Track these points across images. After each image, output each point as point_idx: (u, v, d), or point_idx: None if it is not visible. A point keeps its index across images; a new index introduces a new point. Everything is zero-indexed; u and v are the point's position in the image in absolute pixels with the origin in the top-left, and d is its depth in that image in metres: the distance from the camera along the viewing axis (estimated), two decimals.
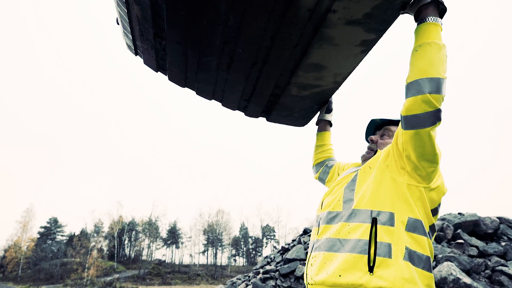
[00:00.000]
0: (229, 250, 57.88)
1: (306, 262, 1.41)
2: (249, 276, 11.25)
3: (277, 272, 9.36)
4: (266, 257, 12.76)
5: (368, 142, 1.62)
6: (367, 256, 1.20)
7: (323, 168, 1.89)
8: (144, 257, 55.16)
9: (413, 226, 1.25)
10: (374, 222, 1.25)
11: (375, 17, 1.29)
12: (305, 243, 10.54)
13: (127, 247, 54.89)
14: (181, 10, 1.26)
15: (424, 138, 1.20)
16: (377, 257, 1.19)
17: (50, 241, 54.26)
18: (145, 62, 1.73)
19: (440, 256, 8.56)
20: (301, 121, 2.11)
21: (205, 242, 56.79)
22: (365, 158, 1.57)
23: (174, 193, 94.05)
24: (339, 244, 1.28)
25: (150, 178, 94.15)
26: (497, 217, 10.06)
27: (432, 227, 1.32)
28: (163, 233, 57.69)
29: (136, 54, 1.75)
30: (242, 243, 60.94)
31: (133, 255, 54.16)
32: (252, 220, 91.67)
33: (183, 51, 1.49)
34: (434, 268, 7.77)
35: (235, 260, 60.50)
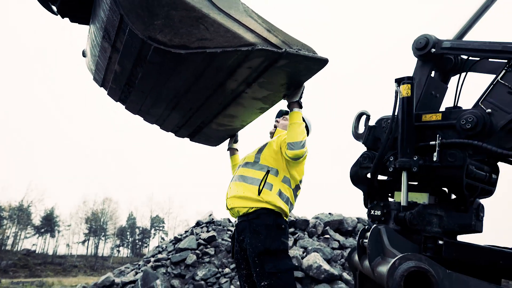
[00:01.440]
0: (113, 240, 54.93)
1: (228, 188, 2.47)
2: (139, 265, 11.40)
3: (169, 261, 9.78)
4: (158, 246, 13.05)
5: (275, 122, 2.77)
6: (258, 187, 2.25)
7: None
8: (8, 247, 48.38)
9: (285, 180, 2.35)
10: (267, 172, 2.32)
11: (269, 98, 2.24)
12: (197, 234, 11.20)
13: None
14: (151, 80, 1.90)
15: (294, 162, 2.32)
16: (263, 189, 2.25)
17: None
18: (109, 94, 2.26)
19: (310, 248, 10.15)
20: (215, 143, 2.93)
21: (87, 231, 52.79)
22: (271, 132, 2.73)
23: (55, 176, 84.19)
24: (246, 179, 2.35)
25: (27, 157, 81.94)
26: (356, 218, 12.40)
27: (297, 186, 2.44)
28: (36, 220, 51.59)
29: (101, 86, 2.26)
30: (128, 233, 58.43)
31: None
32: (141, 210, 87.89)
33: (145, 97, 2.11)
34: (303, 258, 9.25)
35: (118, 251, 57.59)
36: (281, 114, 2.76)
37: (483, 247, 1.70)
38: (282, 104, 2.45)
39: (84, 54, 2.29)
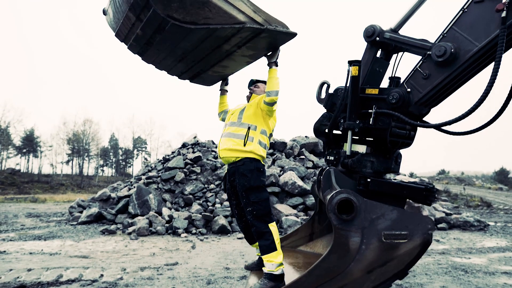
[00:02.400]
0: (97, 160, 56.27)
1: (218, 142, 3.16)
2: (130, 182, 12.42)
3: (159, 178, 10.81)
4: (147, 166, 14.02)
5: (249, 89, 3.40)
6: (243, 140, 2.98)
7: (223, 114, 3.60)
8: None
9: (263, 131, 3.08)
10: (249, 128, 3.01)
11: (253, 55, 2.93)
12: (183, 154, 12.14)
13: None
14: (167, 43, 2.48)
15: (271, 109, 2.99)
16: (247, 141, 2.97)
17: None
18: (129, 48, 2.80)
19: (286, 167, 11.28)
20: (209, 84, 3.62)
21: (70, 152, 53.61)
22: (247, 97, 3.39)
23: (33, 97, 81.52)
24: (233, 135, 3.04)
25: (3, 76, 77.85)
26: None
27: (270, 134, 3.19)
28: (17, 141, 51.64)
29: (122, 41, 2.79)
30: (111, 154, 59.69)
31: None
32: (123, 131, 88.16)
33: (159, 53, 2.72)
34: (280, 176, 10.42)
35: (103, 171, 59.37)
36: (252, 82, 3.40)
37: (394, 182, 2.44)
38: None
39: (104, 13, 2.79)
